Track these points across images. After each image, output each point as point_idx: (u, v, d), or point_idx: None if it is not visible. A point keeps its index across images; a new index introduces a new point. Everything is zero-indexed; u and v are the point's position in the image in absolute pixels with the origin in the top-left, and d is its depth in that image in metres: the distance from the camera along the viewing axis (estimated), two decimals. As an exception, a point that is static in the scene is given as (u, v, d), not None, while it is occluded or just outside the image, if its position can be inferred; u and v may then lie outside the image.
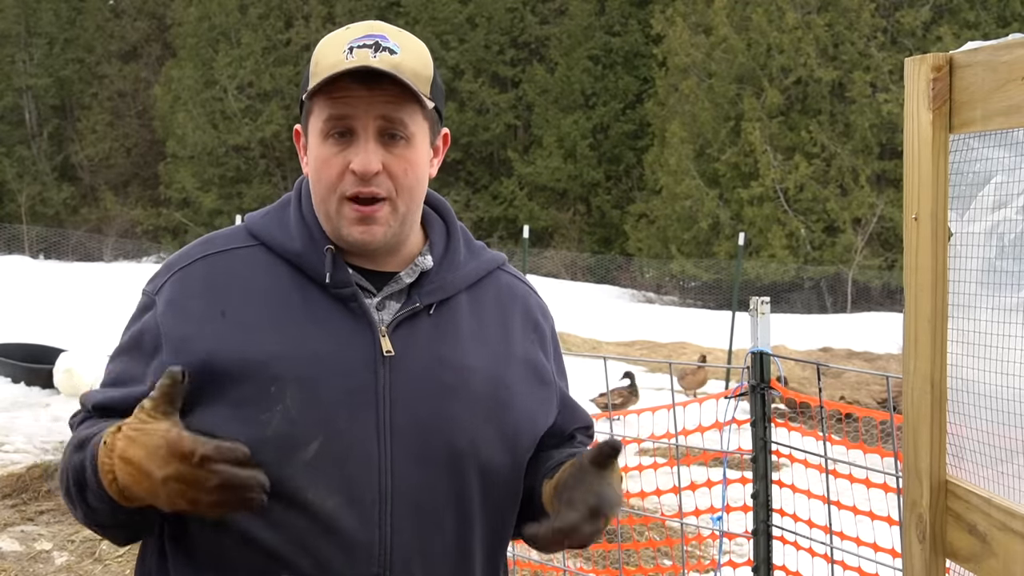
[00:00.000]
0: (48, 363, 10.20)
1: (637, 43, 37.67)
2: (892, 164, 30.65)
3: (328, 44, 1.49)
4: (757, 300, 3.84)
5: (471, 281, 1.59)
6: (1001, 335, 1.42)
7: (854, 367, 13.07)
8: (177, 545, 1.48)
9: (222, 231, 1.61)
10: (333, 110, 1.45)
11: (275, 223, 1.56)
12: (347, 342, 1.46)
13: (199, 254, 1.54)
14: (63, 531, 5.71)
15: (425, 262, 1.55)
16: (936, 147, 1.48)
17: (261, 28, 39.62)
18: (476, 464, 1.50)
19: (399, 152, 1.47)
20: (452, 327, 1.54)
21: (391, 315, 1.51)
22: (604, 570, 4.61)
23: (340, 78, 1.42)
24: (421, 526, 1.46)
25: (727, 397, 3.98)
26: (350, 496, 1.42)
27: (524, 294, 1.68)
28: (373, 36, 1.47)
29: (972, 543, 1.46)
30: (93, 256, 34.51)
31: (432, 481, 1.47)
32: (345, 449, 1.43)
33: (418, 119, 1.48)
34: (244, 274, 1.50)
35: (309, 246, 1.51)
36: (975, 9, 31.04)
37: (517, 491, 1.59)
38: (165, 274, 1.54)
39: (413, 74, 1.46)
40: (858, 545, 3.81)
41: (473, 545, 1.52)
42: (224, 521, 1.41)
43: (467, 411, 1.49)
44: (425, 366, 1.49)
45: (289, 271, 1.51)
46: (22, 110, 43.73)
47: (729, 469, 4.19)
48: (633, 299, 30.10)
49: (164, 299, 1.49)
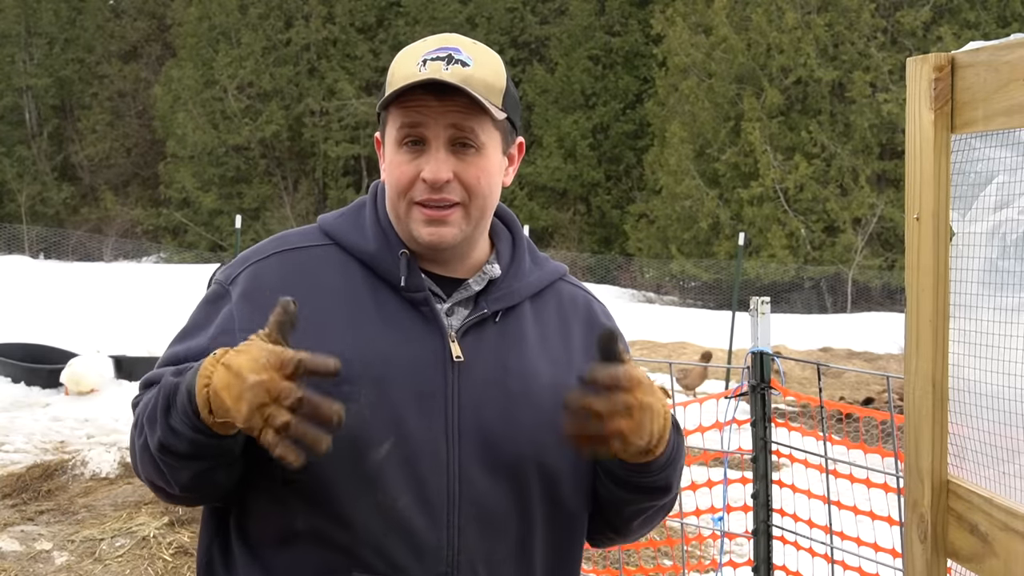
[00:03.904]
0: (48, 363, 10.21)
1: (637, 43, 37.68)
2: (892, 164, 30.66)
3: (404, 56, 1.54)
4: (757, 300, 3.84)
5: (535, 290, 1.62)
6: (1003, 335, 1.42)
7: (854, 367, 13.07)
8: (245, 542, 1.50)
9: (296, 230, 1.64)
10: (406, 119, 1.49)
11: (350, 224, 1.59)
12: (418, 345, 1.49)
13: (273, 249, 1.58)
14: (63, 531, 5.70)
15: (493, 270, 1.58)
16: (938, 147, 1.48)
17: (261, 28, 39.62)
18: (539, 472, 1.52)
19: (470, 160, 1.50)
20: (518, 335, 1.57)
21: (459, 321, 1.54)
22: (604, 570, 4.60)
23: (412, 89, 1.47)
24: (486, 530, 1.48)
25: (727, 397, 3.97)
26: (421, 496, 1.45)
27: (586, 303, 1.71)
28: (447, 49, 1.52)
29: (973, 543, 1.46)
30: (93, 256, 34.52)
31: (497, 486, 1.49)
32: (415, 451, 1.45)
33: (489, 128, 1.52)
34: (318, 272, 1.54)
35: (384, 248, 1.54)
36: (975, 9, 31.05)
37: (581, 500, 1.59)
38: (240, 266, 1.57)
39: (484, 86, 1.51)
40: (858, 545, 3.81)
41: (534, 552, 1.54)
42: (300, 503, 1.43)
43: (532, 419, 1.51)
44: (492, 373, 1.52)
45: (362, 272, 1.54)
46: (22, 110, 43.74)
47: (729, 469, 4.19)
48: (633, 299, 30.11)
49: (239, 290, 1.53)
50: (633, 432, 1.39)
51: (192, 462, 1.41)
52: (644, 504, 1.60)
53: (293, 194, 39.96)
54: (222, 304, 1.54)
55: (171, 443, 1.39)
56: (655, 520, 1.68)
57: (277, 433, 1.28)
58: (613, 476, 1.55)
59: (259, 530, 1.50)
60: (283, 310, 1.34)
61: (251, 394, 1.28)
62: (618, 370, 1.39)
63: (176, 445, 1.39)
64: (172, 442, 1.39)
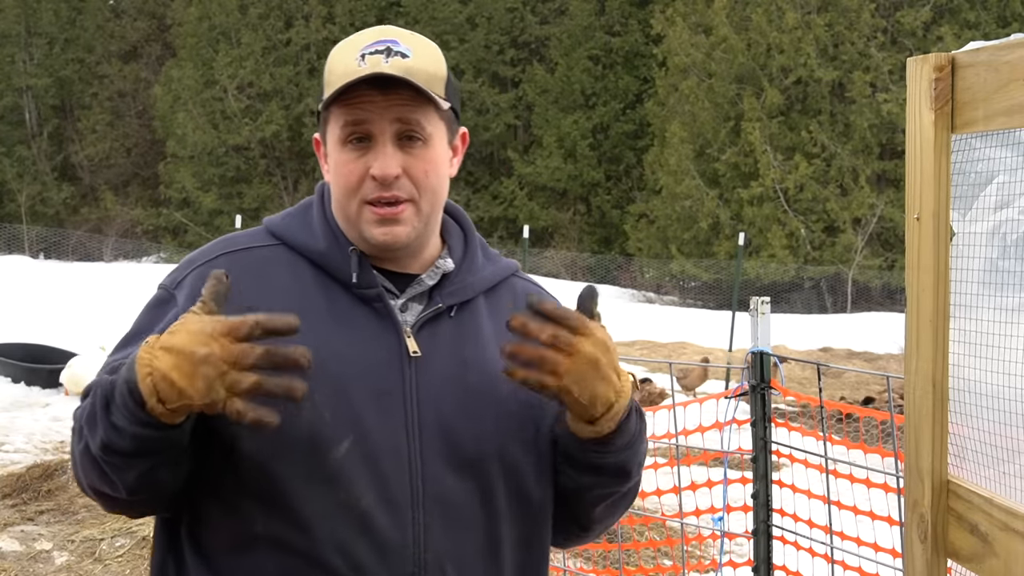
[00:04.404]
0: (48, 363, 10.21)
1: (637, 43, 37.68)
2: (892, 164, 30.66)
3: (340, 52, 1.50)
4: (757, 300, 3.84)
5: (489, 285, 1.61)
6: (1003, 335, 1.42)
7: (854, 367, 13.07)
8: (199, 552, 1.45)
9: (242, 232, 1.61)
10: (349, 117, 1.46)
11: (298, 223, 1.57)
12: (373, 343, 1.47)
13: (220, 251, 1.55)
14: (63, 531, 5.70)
15: (446, 264, 1.56)
16: (938, 147, 1.48)
17: (261, 28, 39.62)
18: (502, 465, 1.50)
19: (417, 153, 1.48)
20: (474, 329, 1.55)
21: (414, 317, 1.52)
22: (604, 570, 4.60)
23: (354, 86, 1.44)
24: (451, 526, 1.46)
25: (727, 397, 3.98)
26: (383, 495, 1.42)
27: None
28: (384, 41, 1.48)
29: (974, 543, 1.46)
30: (93, 256, 34.51)
31: (460, 481, 1.47)
32: (376, 448, 1.43)
33: (434, 120, 1.50)
34: (267, 272, 1.51)
35: (334, 246, 1.52)
36: (975, 9, 31.05)
37: (546, 494, 1.58)
38: (185, 269, 1.53)
39: (426, 76, 1.47)
40: (858, 545, 3.82)
41: (503, 547, 1.52)
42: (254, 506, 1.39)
43: (492, 412, 1.49)
44: (449, 366, 1.49)
45: (312, 271, 1.51)
46: (22, 110, 43.72)
47: (729, 469, 4.19)
48: (633, 299, 30.11)
49: (184, 294, 1.49)
50: (568, 374, 1.36)
51: (138, 459, 1.34)
52: (605, 490, 1.56)
53: (293, 194, 39.93)
54: (167, 308, 1.49)
55: (114, 441, 1.33)
56: (618, 509, 1.64)
57: (245, 398, 1.25)
58: (571, 459, 1.52)
59: (214, 539, 1.45)
60: (217, 280, 1.31)
61: (205, 367, 1.24)
62: (570, 310, 1.37)
63: (120, 443, 1.33)
64: (115, 440, 1.33)
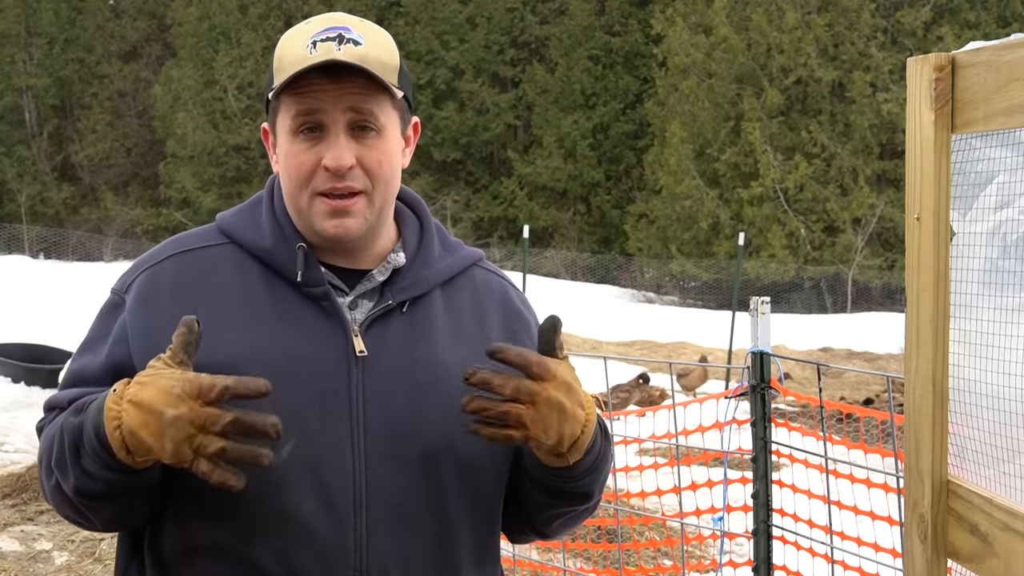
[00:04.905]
0: (48, 363, 10.21)
1: (637, 43, 37.68)
2: (892, 164, 30.66)
3: (290, 39, 1.46)
4: (757, 300, 3.84)
5: (445, 278, 1.56)
6: (1003, 335, 1.42)
7: (854, 367, 13.07)
8: (157, 561, 1.45)
9: (194, 230, 1.57)
10: (301, 106, 1.42)
11: (246, 220, 1.53)
12: (319, 342, 1.43)
13: (168, 252, 1.51)
14: (63, 531, 5.70)
15: (397, 259, 1.52)
16: (938, 147, 1.48)
17: (261, 28, 39.62)
18: (453, 463, 1.46)
19: (371, 143, 1.44)
20: (427, 324, 1.50)
21: (364, 314, 1.48)
22: (604, 570, 4.61)
23: (306, 74, 1.40)
24: (398, 529, 1.43)
25: (727, 397, 3.97)
26: (324, 500, 1.39)
27: (502, 288, 1.64)
28: (336, 28, 1.44)
29: (974, 543, 1.46)
30: (93, 256, 34.52)
31: (408, 483, 1.43)
32: (318, 452, 1.39)
33: (388, 109, 1.46)
34: (213, 272, 1.47)
35: (280, 243, 1.48)
36: (975, 9, 31.05)
37: (500, 490, 1.55)
38: (134, 273, 1.51)
39: (380, 64, 1.43)
40: (859, 545, 3.82)
41: (456, 546, 1.48)
42: (199, 515, 1.38)
43: (441, 408, 1.44)
44: (398, 365, 1.45)
45: (259, 269, 1.48)
46: (22, 110, 43.72)
47: (729, 469, 4.19)
48: (633, 299, 30.11)
49: (132, 297, 1.47)
50: (535, 424, 1.34)
51: (111, 501, 1.35)
52: (563, 508, 1.55)
53: (293, 194, 39.97)
54: (117, 314, 1.48)
55: (87, 487, 1.33)
56: (576, 523, 1.62)
57: (211, 460, 1.24)
58: (533, 479, 1.50)
59: (167, 547, 1.44)
60: (187, 329, 1.28)
61: (173, 430, 1.23)
62: (530, 355, 1.34)
63: (92, 488, 1.33)
64: (87, 485, 1.33)
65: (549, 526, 1.61)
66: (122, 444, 1.27)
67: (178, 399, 1.23)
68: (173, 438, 1.23)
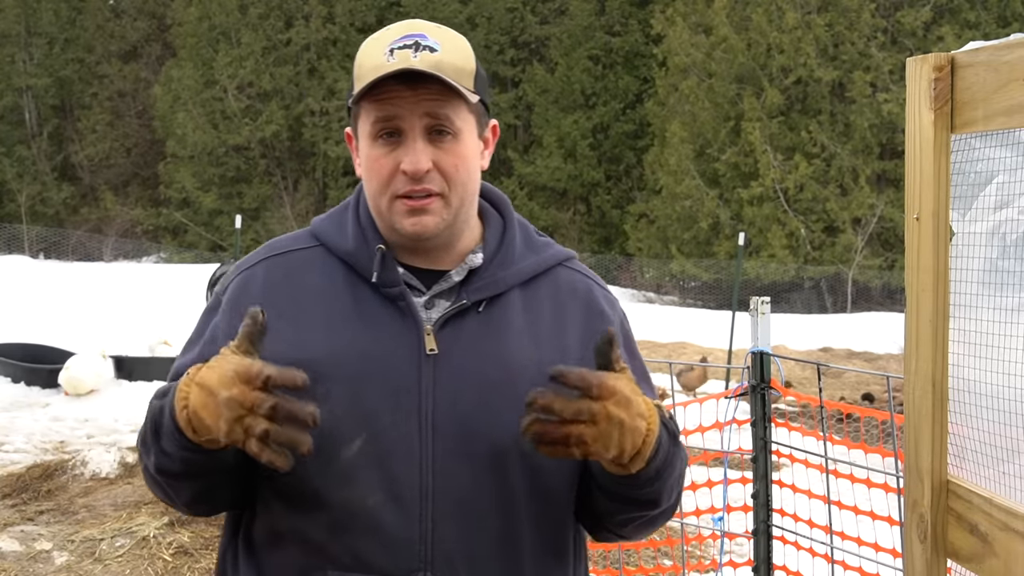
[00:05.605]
0: (48, 363, 10.20)
1: (637, 43, 37.70)
2: (892, 164, 30.67)
3: (369, 47, 1.51)
4: (757, 300, 3.84)
5: (525, 278, 1.59)
6: (1003, 335, 1.42)
7: (854, 367, 13.07)
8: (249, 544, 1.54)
9: (288, 235, 1.65)
10: (379, 112, 1.47)
11: (334, 224, 1.60)
12: (394, 341, 1.49)
13: (261, 256, 1.61)
14: (63, 531, 5.70)
15: (475, 260, 1.56)
16: (938, 147, 1.48)
17: (261, 28, 39.63)
18: (521, 460, 1.48)
19: (448, 147, 1.49)
20: (502, 324, 1.53)
21: (440, 313, 1.52)
22: (604, 570, 4.60)
23: (383, 81, 1.45)
24: (464, 523, 1.47)
25: (727, 397, 3.97)
26: (392, 494, 1.44)
27: (587, 288, 1.65)
28: (413, 36, 1.49)
29: (973, 543, 1.46)
30: (93, 256, 34.52)
31: (476, 478, 1.47)
32: (388, 448, 1.45)
33: (464, 113, 1.50)
34: (300, 275, 1.55)
35: (362, 245, 1.54)
36: (975, 9, 31.05)
37: (570, 489, 1.56)
38: (232, 275, 1.61)
39: (455, 70, 1.48)
40: (859, 545, 3.81)
41: (521, 542, 1.51)
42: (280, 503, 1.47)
43: (513, 406, 1.44)
44: (470, 363, 1.49)
45: (344, 271, 1.55)
46: (22, 110, 43.74)
47: (729, 469, 4.19)
48: (633, 299, 30.11)
49: (226, 300, 1.57)
50: (596, 441, 1.35)
51: (190, 480, 1.45)
52: (633, 514, 1.56)
53: (293, 194, 39.96)
54: (213, 315, 1.57)
55: (165, 465, 1.43)
56: (653, 526, 1.63)
57: (260, 441, 1.29)
58: (600, 487, 1.52)
59: (258, 531, 1.53)
60: (252, 320, 1.35)
61: (226, 409, 1.30)
62: (589, 376, 1.34)
63: (170, 466, 1.43)
64: (166, 464, 1.43)
65: (623, 528, 1.63)
66: (188, 422, 1.36)
67: (231, 382, 1.31)
68: (226, 418, 1.31)
